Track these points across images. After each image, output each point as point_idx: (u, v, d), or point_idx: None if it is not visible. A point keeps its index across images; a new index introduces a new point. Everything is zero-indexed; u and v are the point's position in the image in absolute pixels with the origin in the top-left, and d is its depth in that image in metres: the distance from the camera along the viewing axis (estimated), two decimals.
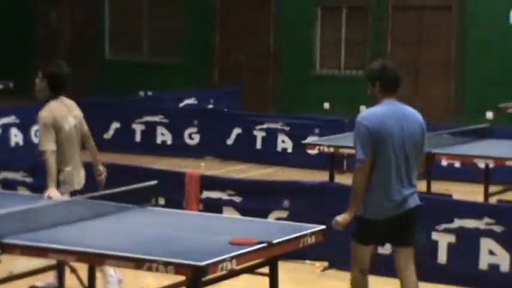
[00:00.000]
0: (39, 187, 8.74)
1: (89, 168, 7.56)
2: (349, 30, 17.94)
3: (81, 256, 5.17)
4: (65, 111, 7.12)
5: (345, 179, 10.09)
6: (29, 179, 9.16)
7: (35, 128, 13.32)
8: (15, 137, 13.01)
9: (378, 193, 6.00)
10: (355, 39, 17.91)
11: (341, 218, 6.14)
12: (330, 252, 7.98)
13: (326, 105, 17.81)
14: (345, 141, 10.28)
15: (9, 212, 5.49)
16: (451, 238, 7.63)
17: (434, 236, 7.66)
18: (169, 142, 13.92)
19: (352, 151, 9.84)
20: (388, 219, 6.02)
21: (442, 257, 7.64)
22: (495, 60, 16.69)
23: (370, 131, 6.00)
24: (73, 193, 6.84)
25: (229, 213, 8.25)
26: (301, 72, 18.18)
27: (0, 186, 9.10)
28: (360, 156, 6.06)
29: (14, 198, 6.63)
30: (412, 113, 6.31)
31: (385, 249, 7.82)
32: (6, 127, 12.91)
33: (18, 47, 20.36)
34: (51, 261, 5.98)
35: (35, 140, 13.30)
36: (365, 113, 6.18)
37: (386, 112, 6.09)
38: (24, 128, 13.14)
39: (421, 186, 10.17)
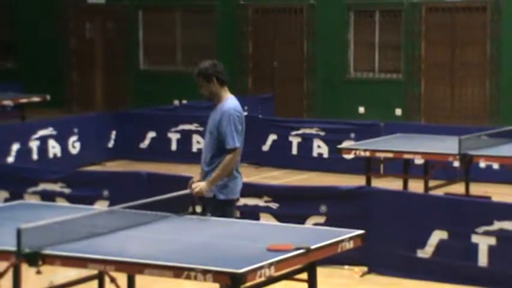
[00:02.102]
0: (77, 198, 8.81)
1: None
2: (383, 33, 17.87)
3: (120, 266, 5.19)
4: None
5: (382, 183, 10.05)
6: (67, 190, 9.23)
7: (72, 139, 13.44)
8: (53, 148, 13.12)
9: (239, 176, 6.77)
10: (389, 42, 17.83)
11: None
12: (369, 257, 7.94)
13: (361, 109, 17.74)
14: (381, 145, 10.24)
15: (48, 224, 5.54)
16: (491, 241, 7.54)
17: (474, 238, 7.59)
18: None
19: (389, 155, 9.87)
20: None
21: (483, 259, 7.56)
22: None
23: (241, 121, 6.71)
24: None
25: (266, 220, 8.24)
26: (335, 76, 18.14)
27: (39, 197, 9.17)
28: (238, 144, 6.66)
29: (53, 209, 6.68)
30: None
31: (425, 252, 7.77)
32: (44, 139, 13.03)
33: (53, 59, 20.55)
34: (91, 271, 6.01)
35: (73, 151, 13.42)
36: (233, 104, 6.72)
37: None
38: (62, 140, 13.25)
39: (460, 188, 10.14)
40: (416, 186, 10.30)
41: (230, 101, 6.80)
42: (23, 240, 5.27)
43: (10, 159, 12.34)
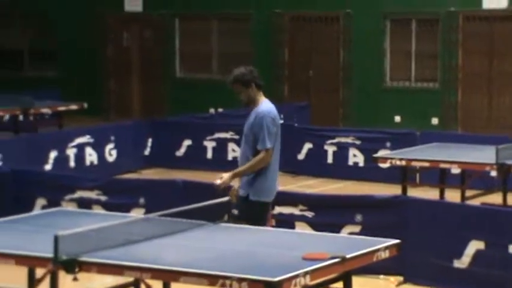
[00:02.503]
0: (113, 205, 8.87)
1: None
2: (419, 42, 17.78)
3: (156, 273, 5.22)
4: None
5: (418, 192, 9.99)
6: (103, 198, 9.29)
7: (109, 147, 13.53)
8: (90, 156, 13.23)
9: (274, 181, 6.95)
10: (425, 51, 17.74)
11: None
12: (404, 266, 7.90)
13: (397, 118, 17.65)
14: (417, 154, 10.19)
15: (85, 231, 5.58)
16: None
17: None
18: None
19: (425, 164, 9.81)
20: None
21: None
22: None
23: (275, 124, 6.89)
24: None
25: (302, 229, 8.23)
26: (372, 85, 18.08)
27: (76, 205, 9.25)
28: (269, 145, 6.84)
29: (90, 216, 6.73)
30: None
31: (461, 263, 7.71)
32: (81, 146, 13.14)
33: (91, 67, 20.73)
34: (127, 279, 6.05)
35: (109, 159, 13.52)
36: (267, 107, 6.90)
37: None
38: (99, 147, 13.36)
39: (497, 198, 10.04)
40: (452, 195, 10.23)
41: (265, 104, 6.96)
42: (60, 247, 5.31)
43: (48, 166, 12.46)
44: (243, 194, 6.92)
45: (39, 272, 5.91)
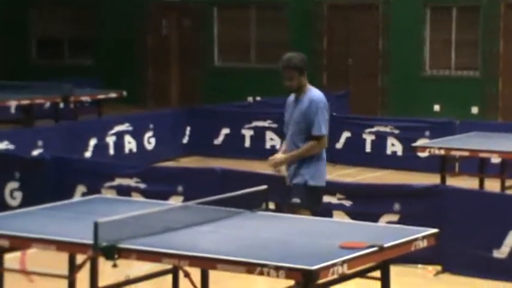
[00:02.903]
0: (152, 193, 8.94)
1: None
2: (460, 30, 17.62)
3: (193, 260, 5.24)
4: None
5: (457, 182, 9.92)
6: (142, 185, 9.36)
7: (148, 135, 13.62)
8: (129, 144, 13.33)
9: (323, 163, 7.11)
10: (465, 39, 17.57)
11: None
12: (443, 256, 7.86)
13: (436, 107, 17.53)
14: (456, 143, 10.11)
15: (124, 218, 5.63)
16: None
17: None
18: (278, 147, 13.96)
19: (465, 153, 9.73)
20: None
21: None
22: None
23: (327, 110, 7.14)
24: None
25: (339, 217, 8.22)
26: (411, 74, 17.96)
27: (115, 192, 9.33)
28: (324, 132, 7.06)
29: (129, 204, 6.79)
30: None
31: (501, 253, 7.65)
32: (120, 134, 13.24)
33: (129, 55, 20.86)
34: (165, 266, 6.09)
35: (148, 147, 13.60)
36: (319, 94, 7.06)
37: None
38: (138, 135, 13.45)
39: None
40: (492, 185, 10.14)
41: (315, 91, 7.12)
42: (100, 234, 5.36)
43: (87, 154, 12.58)
44: (299, 182, 6.98)
45: (79, 258, 5.97)
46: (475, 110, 17.30)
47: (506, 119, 16.61)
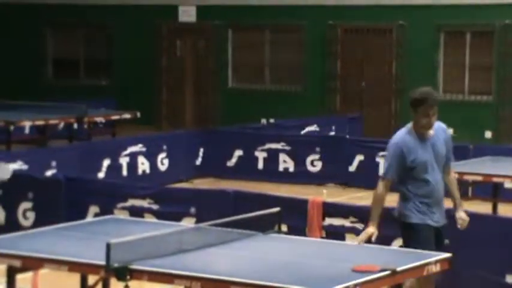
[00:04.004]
0: (164, 214, 8.93)
1: None
2: (474, 54, 17.61)
3: (206, 282, 5.24)
4: None
5: (470, 206, 9.86)
6: (155, 206, 9.36)
7: (161, 156, 13.64)
8: (142, 165, 13.34)
9: None
10: (480, 64, 17.56)
11: None
12: (456, 281, 7.80)
13: (450, 131, 17.50)
14: (470, 167, 10.08)
15: (136, 239, 5.63)
16: None
17: None
18: (291, 169, 13.98)
19: (478, 178, 9.68)
20: None
21: None
22: None
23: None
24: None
25: (352, 241, 8.18)
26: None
27: (128, 213, 9.32)
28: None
29: (141, 225, 6.79)
30: None
31: None
32: (134, 155, 13.26)
33: (143, 76, 20.94)
34: (177, 287, 6.08)
35: (161, 168, 13.62)
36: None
37: None
38: (151, 156, 13.46)
39: None
40: (506, 210, 10.09)
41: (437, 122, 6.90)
42: (112, 255, 5.36)
43: (101, 174, 12.60)
44: (445, 223, 6.73)
45: (92, 279, 5.97)
46: (488, 134, 17.26)
47: None
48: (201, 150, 14.21)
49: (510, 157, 10.98)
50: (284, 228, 7.32)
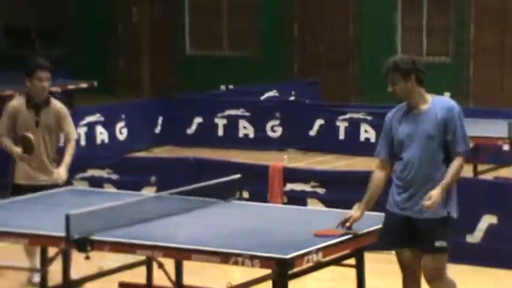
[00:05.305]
0: (124, 184, 8.86)
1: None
2: (431, 17, 17.64)
3: (168, 251, 5.21)
4: None
5: None
6: (115, 176, 9.29)
7: (119, 125, 13.52)
8: (101, 134, 13.22)
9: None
10: (437, 25, 17.60)
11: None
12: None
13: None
14: None
15: (96, 210, 5.58)
16: None
17: None
18: (251, 135, 13.95)
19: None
20: None
21: None
22: None
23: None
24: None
25: (314, 205, 8.21)
26: (383, 60, 17.95)
27: (87, 184, 9.25)
28: (469, 147, 5.71)
29: (101, 195, 6.73)
30: None
31: (474, 238, 7.65)
32: (92, 125, 13.12)
33: (99, 44, 20.68)
34: (139, 257, 6.05)
35: (120, 138, 13.51)
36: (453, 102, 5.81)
37: None
38: (109, 126, 13.34)
39: (510, 172, 9.96)
40: (465, 170, 10.14)
41: (445, 99, 5.84)
42: (72, 226, 5.31)
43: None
44: (442, 215, 5.51)
45: (52, 251, 5.91)
46: (447, 95, 17.34)
47: (478, 105, 16.68)
48: (160, 118, 14.11)
49: (468, 118, 11.01)
50: (245, 195, 7.31)
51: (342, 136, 13.32)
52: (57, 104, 7.10)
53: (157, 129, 14.08)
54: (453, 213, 5.62)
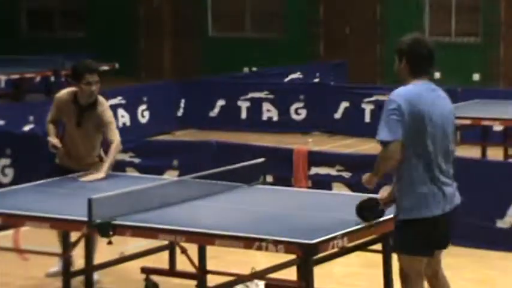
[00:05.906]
0: (146, 168, 8.76)
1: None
2: None
3: (190, 236, 5.11)
4: None
5: (459, 151, 9.72)
6: (137, 160, 9.20)
7: (141, 108, 13.42)
8: (122, 117, 13.13)
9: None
10: (466, 5, 17.34)
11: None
12: None
13: (437, 74, 17.35)
14: (458, 111, 9.90)
15: (118, 194, 5.48)
16: None
17: None
18: (275, 118, 13.80)
19: (466, 121, 9.54)
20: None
21: None
22: None
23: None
24: None
25: (339, 189, 8.07)
26: None
27: None
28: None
29: (123, 179, 6.63)
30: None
31: (504, 223, 7.51)
32: (113, 108, 12.97)
33: (121, 27, 20.60)
34: (161, 242, 5.95)
35: (142, 121, 13.41)
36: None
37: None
38: (131, 109, 13.25)
39: None
40: (495, 153, 9.99)
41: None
42: (94, 211, 5.23)
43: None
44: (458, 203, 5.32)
45: (74, 235, 5.84)
46: (476, 76, 17.11)
47: (509, 86, 16.43)
48: (183, 101, 14.00)
49: (498, 100, 10.86)
50: (269, 179, 7.20)
51: (367, 119, 13.15)
52: (103, 108, 6.79)
53: (180, 112, 13.98)
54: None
